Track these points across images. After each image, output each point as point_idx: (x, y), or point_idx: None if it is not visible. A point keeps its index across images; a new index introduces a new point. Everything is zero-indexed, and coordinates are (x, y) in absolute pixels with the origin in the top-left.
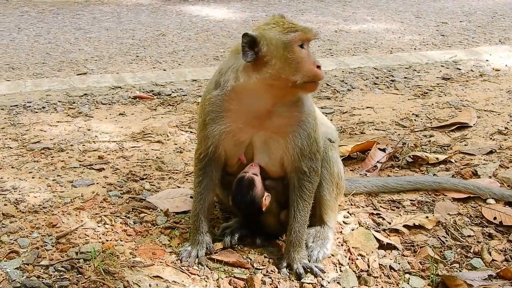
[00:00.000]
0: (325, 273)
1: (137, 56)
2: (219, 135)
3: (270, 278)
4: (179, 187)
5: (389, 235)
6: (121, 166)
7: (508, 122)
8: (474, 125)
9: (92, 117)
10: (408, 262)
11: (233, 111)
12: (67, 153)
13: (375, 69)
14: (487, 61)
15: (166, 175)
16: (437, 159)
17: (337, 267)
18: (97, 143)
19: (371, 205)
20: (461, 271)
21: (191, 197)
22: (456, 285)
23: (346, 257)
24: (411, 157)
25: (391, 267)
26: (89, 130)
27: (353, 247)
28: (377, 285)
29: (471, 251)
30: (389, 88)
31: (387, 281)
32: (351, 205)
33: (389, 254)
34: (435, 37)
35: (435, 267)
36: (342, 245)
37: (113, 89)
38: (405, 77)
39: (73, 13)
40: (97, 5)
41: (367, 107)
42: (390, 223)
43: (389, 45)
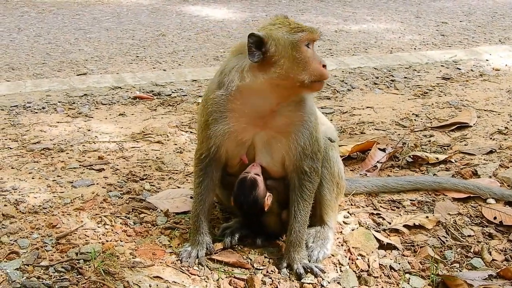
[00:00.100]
0: (325, 273)
1: (137, 56)
2: (222, 135)
3: (270, 278)
4: (179, 188)
5: (389, 235)
6: (121, 166)
7: (508, 122)
8: (474, 125)
9: (92, 117)
10: (408, 262)
11: (237, 111)
12: (67, 153)
13: (375, 69)
14: (487, 60)
15: (166, 175)
16: (437, 159)
17: (337, 267)
18: (97, 144)
19: (371, 205)
20: (461, 271)
21: (191, 198)
22: (456, 285)
23: (346, 257)
24: (411, 157)
25: (391, 267)
26: (89, 130)
27: (353, 247)
28: (377, 285)
29: (471, 251)
30: (389, 88)
31: (387, 281)
32: (351, 205)
33: (389, 254)
34: (435, 37)
35: (435, 267)
36: (342, 245)
37: (113, 89)
38: (405, 77)
39: (73, 13)
40: (97, 5)
41: (367, 107)
42: (390, 223)
43: (389, 45)
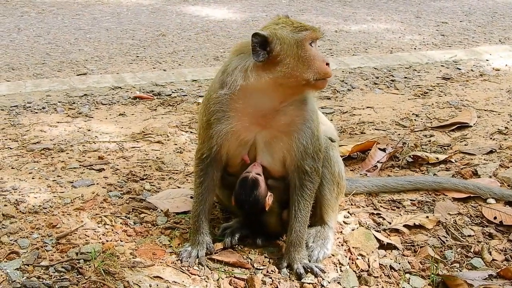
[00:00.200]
0: (325, 273)
1: (137, 56)
2: (224, 134)
3: (270, 278)
4: (179, 188)
5: (389, 235)
6: (121, 166)
7: (508, 121)
8: (474, 124)
9: (92, 117)
10: (408, 262)
11: (240, 110)
12: (67, 153)
13: (375, 69)
14: (487, 60)
15: (166, 175)
16: (437, 159)
17: (337, 267)
18: (97, 144)
19: (371, 205)
20: (461, 271)
21: (191, 198)
22: (456, 285)
23: (346, 257)
24: (411, 157)
25: (392, 267)
26: (89, 130)
27: (353, 247)
28: (378, 285)
29: (472, 250)
30: (389, 88)
31: (387, 281)
32: (352, 205)
33: (390, 254)
34: (435, 37)
35: (436, 267)
36: (342, 245)
37: (113, 89)
38: (405, 77)
39: (73, 14)
40: (97, 6)
41: (367, 107)
42: (390, 223)
43: (389, 45)
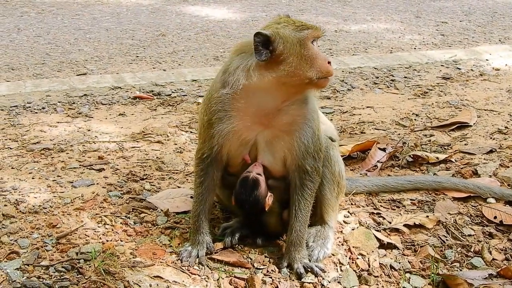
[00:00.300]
0: (325, 272)
1: (137, 56)
2: (225, 134)
3: (270, 277)
4: (179, 187)
5: (389, 234)
6: (121, 166)
7: (508, 121)
8: (474, 124)
9: (92, 117)
10: (408, 261)
11: (241, 110)
12: (67, 153)
13: (375, 68)
14: (487, 60)
15: (166, 175)
16: (437, 158)
17: (337, 266)
18: (97, 144)
19: (371, 205)
20: (461, 270)
21: (191, 197)
22: (456, 284)
23: (346, 256)
24: (411, 156)
25: (392, 267)
26: (89, 130)
27: (353, 247)
28: (378, 285)
29: (472, 250)
30: (389, 87)
31: (387, 281)
32: (352, 204)
33: (390, 253)
34: (435, 37)
35: (436, 266)
36: (342, 245)
37: (113, 89)
38: (405, 77)
39: (73, 14)
40: (96, 6)
41: (367, 107)
42: (390, 223)
43: (389, 44)
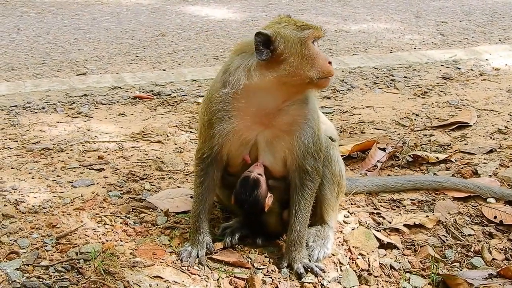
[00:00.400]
0: (325, 272)
1: (137, 56)
2: (226, 134)
3: (270, 278)
4: (179, 187)
5: (389, 234)
6: (121, 166)
7: (508, 121)
8: (474, 124)
9: (91, 117)
10: (408, 261)
11: (242, 109)
12: (67, 153)
13: (375, 68)
14: (487, 60)
15: (166, 175)
16: (437, 158)
17: (337, 266)
18: (97, 143)
19: (371, 205)
20: (461, 270)
21: (191, 197)
22: (456, 284)
23: (346, 256)
24: (411, 156)
25: (392, 267)
26: (88, 130)
27: (353, 247)
28: (378, 285)
29: (472, 250)
30: (389, 87)
31: (387, 281)
32: (352, 204)
33: (390, 253)
34: (435, 37)
35: (436, 266)
36: (342, 245)
37: (112, 89)
38: (405, 77)
39: (73, 14)
40: (96, 5)
41: (367, 107)
42: (390, 223)
43: (389, 44)
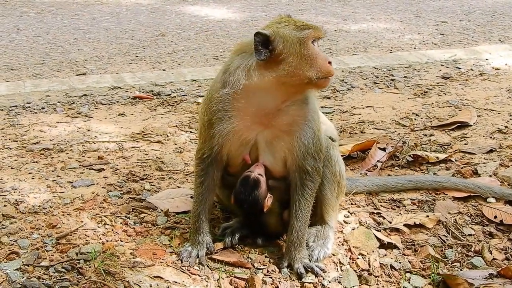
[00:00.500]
0: (326, 272)
1: (137, 56)
2: (226, 134)
3: (271, 278)
4: (179, 187)
5: (389, 234)
6: (121, 166)
7: (508, 121)
8: (474, 124)
9: (91, 117)
10: (409, 261)
11: (242, 109)
12: (67, 153)
13: (375, 68)
14: (487, 60)
15: (166, 175)
16: (437, 158)
17: (338, 266)
18: (97, 144)
19: (371, 205)
20: (462, 270)
21: (191, 197)
22: (457, 284)
23: (347, 256)
24: (411, 156)
25: (392, 266)
26: (88, 130)
27: (353, 247)
28: (378, 284)
29: (472, 250)
30: (389, 87)
31: (388, 280)
32: (352, 204)
33: (390, 253)
34: (434, 36)
35: (436, 266)
36: (342, 245)
37: (112, 89)
38: (405, 76)
39: (72, 14)
40: (96, 5)
41: (367, 107)
42: (390, 222)
43: (389, 44)
